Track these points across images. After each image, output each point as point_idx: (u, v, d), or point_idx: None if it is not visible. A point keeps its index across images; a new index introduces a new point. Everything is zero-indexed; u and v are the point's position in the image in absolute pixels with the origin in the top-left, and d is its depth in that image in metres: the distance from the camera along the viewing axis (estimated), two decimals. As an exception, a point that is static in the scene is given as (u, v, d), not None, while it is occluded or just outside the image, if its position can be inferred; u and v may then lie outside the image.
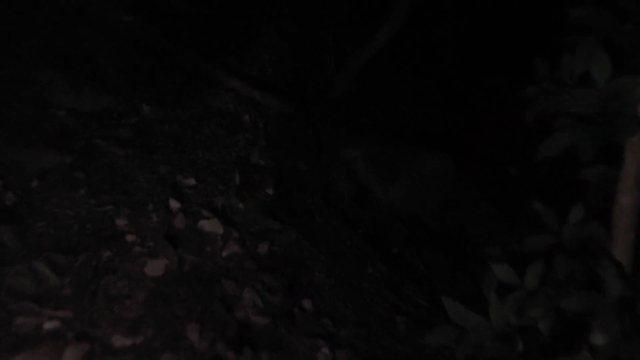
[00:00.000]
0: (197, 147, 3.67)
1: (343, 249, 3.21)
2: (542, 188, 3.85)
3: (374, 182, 4.06)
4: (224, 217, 3.01)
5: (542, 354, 1.69)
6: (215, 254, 2.82)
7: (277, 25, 6.10)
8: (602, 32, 1.61)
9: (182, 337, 2.37)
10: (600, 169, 1.90)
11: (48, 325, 2.30)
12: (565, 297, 1.67)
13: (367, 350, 2.69)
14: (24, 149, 3.13)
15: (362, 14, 5.91)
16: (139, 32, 5.01)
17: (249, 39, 5.67)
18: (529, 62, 1.87)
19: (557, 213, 1.86)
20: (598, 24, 1.61)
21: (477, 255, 4.00)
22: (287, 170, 3.82)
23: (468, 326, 1.72)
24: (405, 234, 3.82)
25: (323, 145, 4.22)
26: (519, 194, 4.39)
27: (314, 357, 2.51)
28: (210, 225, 2.89)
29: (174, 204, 2.99)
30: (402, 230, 3.82)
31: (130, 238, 2.73)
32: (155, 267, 2.61)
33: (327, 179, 3.91)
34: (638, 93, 1.60)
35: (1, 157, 3.02)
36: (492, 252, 3.74)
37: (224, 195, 3.19)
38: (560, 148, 1.70)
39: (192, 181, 3.25)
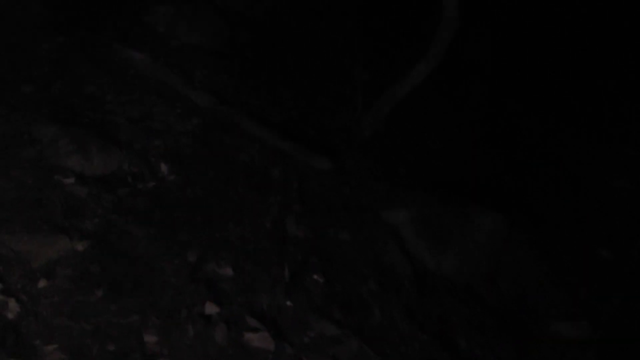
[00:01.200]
0: (226, 219, 3.15)
1: (411, 354, 2.69)
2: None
3: (424, 249, 3.56)
4: (272, 325, 2.49)
5: None
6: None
7: (298, 58, 5.59)
8: None
9: None
10: None
11: None
12: None
13: None
14: (27, 235, 2.59)
15: (394, 47, 5.41)
16: (148, 69, 4.47)
17: (268, 74, 5.15)
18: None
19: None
20: None
21: (544, 332, 3.51)
22: (330, 243, 3.30)
23: None
24: (466, 315, 3.31)
25: (363, 206, 3.71)
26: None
27: None
28: (258, 339, 2.36)
29: (212, 309, 2.45)
30: (463, 311, 3.31)
31: (164, 363, 2.20)
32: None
33: (374, 250, 3.39)
34: None
35: (0, 248, 2.48)
36: (562, 329, 3.23)
37: (269, 292, 2.66)
38: None
39: (228, 271, 2.72)
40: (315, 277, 2.89)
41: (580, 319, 3.52)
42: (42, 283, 2.42)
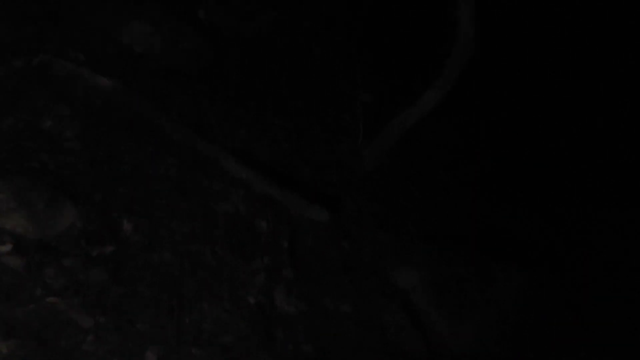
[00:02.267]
0: (200, 295, 2.55)
1: None
2: None
3: (440, 319, 2.97)
4: None
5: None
6: None
7: (290, 82, 5.00)
8: None
9: None
10: None
11: None
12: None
13: None
14: None
15: (399, 68, 4.82)
16: (119, 98, 3.87)
17: (257, 101, 4.56)
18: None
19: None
20: None
21: None
22: (328, 319, 2.71)
23: None
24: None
25: (366, 265, 3.12)
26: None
27: None
28: None
29: None
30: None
31: None
32: None
33: (381, 325, 2.80)
34: None
35: None
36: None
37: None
38: None
39: (197, 378, 2.12)
40: (309, 374, 2.30)
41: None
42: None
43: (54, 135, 3.42)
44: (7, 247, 2.50)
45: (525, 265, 3.39)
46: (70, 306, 2.28)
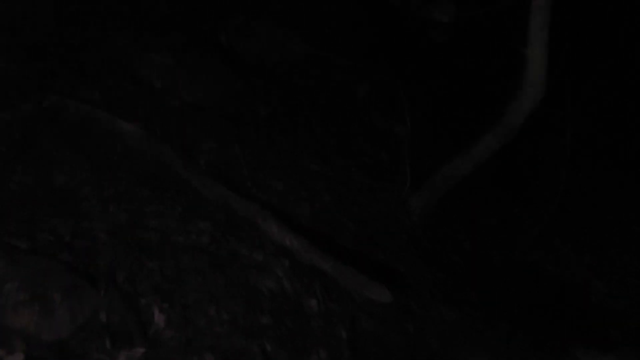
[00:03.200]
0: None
1: None
2: None
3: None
4: None
5: None
6: None
7: (323, 117, 4.55)
8: None
9: None
10: None
11: None
12: None
13: None
14: None
15: (448, 104, 4.36)
16: (140, 144, 3.42)
17: (289, 141, 4.11)
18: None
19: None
20: None
21: None
22: None
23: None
24: None
25: (435, 354, 2.65)
26: None
27: None
28: None
29: None
30: None
31: None
32: None
33: None
34: None
35: None
36: None
37: None
38: None
39: None
40: None
41: None
42: None
43: (68, 194, 2.96)
44: (17, 357, 2.04)
45: (609, 346, 2.93)
46: None
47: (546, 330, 3.05)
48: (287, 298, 2.74)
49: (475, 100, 3.99)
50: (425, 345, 2.74)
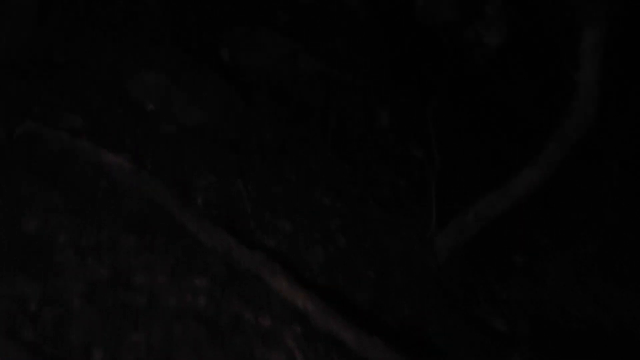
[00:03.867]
0: None
1: None
2: None
3: None
4: None
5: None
6: None
7: (335, 141, 4.07)
8: None
9: None
10: None
11: None
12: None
13: None
14: None
15: (485, 142, 3.88)
16: (129, 180, 2.94)
17: (299, 171, 3.63)
18: None
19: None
20: None
21: None
22: None
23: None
24: None
25: None
26: None
27: None
28: None
29: None
30: None
31: None
32: None
33: None
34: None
35: None
36: None
37: None
38: None
39: None
40: None
41: None
42: None
43: (39, 244, 2.49)
44: None
45: None
46: None
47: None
48: (301, 376, 2.25)
49: (513, 128, 3.53)
50: None
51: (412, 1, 3.89)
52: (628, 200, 3.62)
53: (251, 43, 4.91)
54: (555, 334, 3.12)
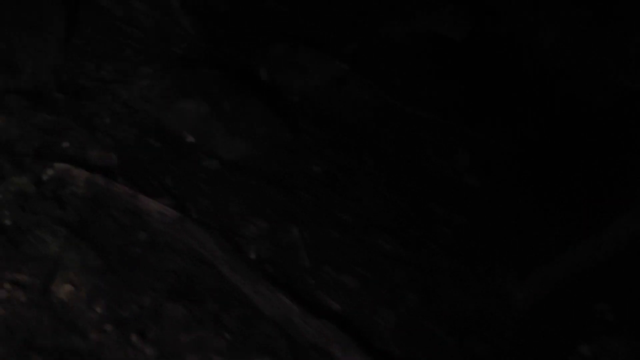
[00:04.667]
0: None
1: None
2: None
3: None
4: None
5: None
6: None
7: (397, 178, 3.67)
8: None
9: None
10: None
11: None
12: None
13: None
14: None
15: (571, 183, 3.44)
16: (172, 231, 2.55)
17: (349, 204, 3.24)
18: None
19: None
20: None
21: None
22: None
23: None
24: None
25: None
26: None
27: None
28: None
29: None
30: None
31: None
32: None
33: None
34: None
35: None
36: None
37: None
38: None
39: None
40: None
41: None
42: None
43: (67, 312, 2.11)
44: None
45: None
46: None
47: None
48: None
49: (608, 172, 3.11)
50: None
51: (532, 40, 3.45)
52: None
53: (291, 62, 4.53)
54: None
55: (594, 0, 3.30)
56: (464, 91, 3.81)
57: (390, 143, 3.74)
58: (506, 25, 3.59)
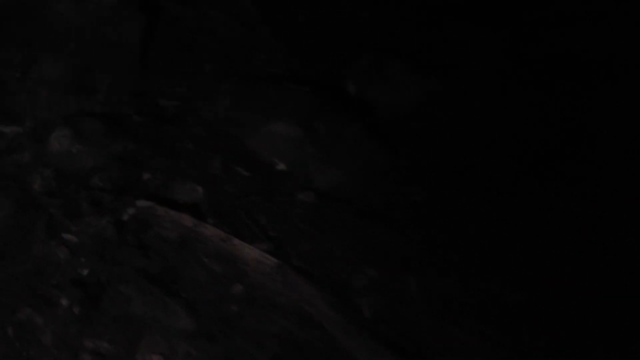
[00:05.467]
0: None
1: None
2: None
3: None
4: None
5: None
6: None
7: (499, 210, 3.18)
8: None
9: None
10: None
11: None
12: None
13: None
14: None
15: None
16: (272, 282, 2.16)
17: (463, 251, 2.77)
18: None
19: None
20: None
21: None
22: None
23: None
24: None
25: None
26: None
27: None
28: None
29: None
30: None
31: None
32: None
33: None
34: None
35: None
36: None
37: None
38: None
39: None
40: None
41: None
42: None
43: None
44: None
45: None
46: None
47: None
48: None
49: None
50: None
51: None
52: None
53: (380, 74, 4.09)
54: None
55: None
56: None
57: (488, 162, 3.26)
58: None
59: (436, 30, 4.58)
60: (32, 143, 2.48)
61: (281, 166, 2.90)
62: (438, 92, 3.89)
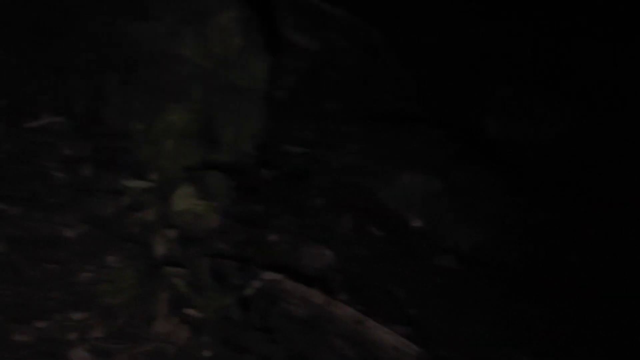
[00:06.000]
0: None
1: None
2: None
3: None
4: None
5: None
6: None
7: None
8: None
9: None
10: None
11: None
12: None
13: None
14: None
15: None
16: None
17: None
18: None
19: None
20: None
21: None
22: None
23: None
24: None
25: None
26: None
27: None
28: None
29: None
30: None
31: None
32: None
33: None
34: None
35: None
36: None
37: None
38: None
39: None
40: None
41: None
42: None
43: None
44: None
45: None
46: None
47: None
48: None
49: None
50: None
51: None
52: None
53: (520, 109, 3.70)
54: None
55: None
56: None
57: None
58: None
59: (569, 54, 4.09)
60: (156, 200, 2.34)
61: (416, 223, 2.61)
62: (580, 122, 3.44)
